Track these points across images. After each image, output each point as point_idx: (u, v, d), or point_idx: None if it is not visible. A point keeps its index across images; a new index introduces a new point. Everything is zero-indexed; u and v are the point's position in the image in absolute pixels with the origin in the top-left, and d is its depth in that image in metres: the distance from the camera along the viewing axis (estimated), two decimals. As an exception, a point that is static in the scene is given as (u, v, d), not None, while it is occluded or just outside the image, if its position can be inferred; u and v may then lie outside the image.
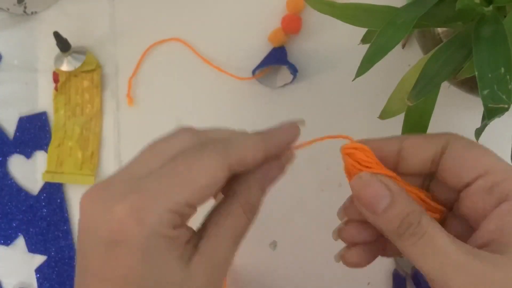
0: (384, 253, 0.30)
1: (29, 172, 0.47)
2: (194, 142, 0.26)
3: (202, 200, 0.25)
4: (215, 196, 0.29)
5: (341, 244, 0.44)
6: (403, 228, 0.24)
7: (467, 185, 0.26)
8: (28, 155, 0.48)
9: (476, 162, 0.26)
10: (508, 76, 0.25)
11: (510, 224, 0.24)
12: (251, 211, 0.27)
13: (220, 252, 0.25)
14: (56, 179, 0.46)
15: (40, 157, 0.48)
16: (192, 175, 0.24)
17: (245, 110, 0.46)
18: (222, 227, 0.26)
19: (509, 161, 0.30)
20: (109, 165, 0.47)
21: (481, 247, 0.24)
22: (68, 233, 0.46)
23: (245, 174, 0.28)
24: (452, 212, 0.28)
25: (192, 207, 0.24)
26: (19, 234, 0.47)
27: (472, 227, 0.26)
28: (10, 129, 0.48)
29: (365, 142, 0.28)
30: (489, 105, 0.24)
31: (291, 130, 0.30)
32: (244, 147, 0.26)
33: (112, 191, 0.24)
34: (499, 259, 0.22)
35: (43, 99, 0.48)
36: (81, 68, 0.47)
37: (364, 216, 0.26)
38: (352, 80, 0.27)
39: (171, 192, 0.23)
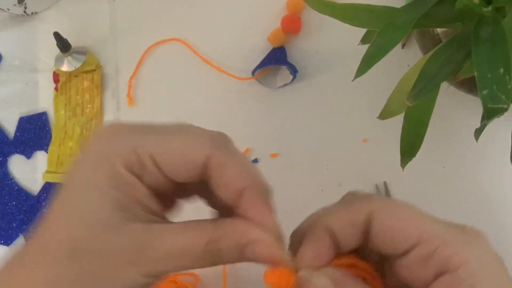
0: None
1: (30, 172, 0.47)
2: None
3: (167, 163, 0.24)
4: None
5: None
6: None
7: (402, 255, 0.24)
8: (28, 155, 0.48)
9: (406, 231, 0.24)
10: (507, 77, 0.25)
11: None
12: (213, 254, 0.23)
13: (156, 248, 0.22)
14: (56, 179, 0.46)
15: (40, 157, 0.48)
16: (173, 139, 0.25)
17: (245, 110, 0.46)
18: (178, 233, 0.23)
19: (509, 162, 0.30)
20: (109, 165, 0.47)
21: None
22: (68, 233, 0.46)
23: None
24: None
25: (155, 164, 0.24)
26: (19, 234, 0.47)
27: None
28: (11, 129, 0.48)
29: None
30: (489, 105, 0.25)
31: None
32: (231, 157, 0.25)
33: None
34: None
35: (44, 99, 0.48)
36: (82, 68, 0.47)
37: None
38: (352, 80, 0.27)
39: (147, 137, 0.25)
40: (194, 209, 0.45)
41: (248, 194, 0.24)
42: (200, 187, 0.25)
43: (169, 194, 0.26)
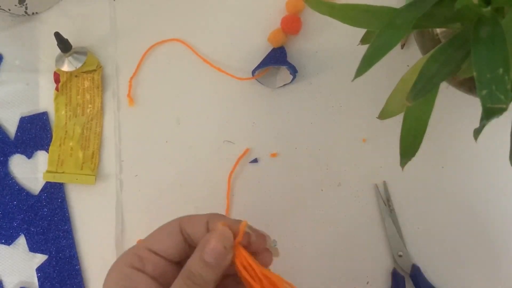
0: None
1: (30, 172, 0.48)
2: None
3: (157, 245, 0.32)
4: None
5: (340, 244, 0.44)
6: None
7: None
8: (29, 155, 0.48)
9: None
10: (506, 77, 0.25)
11: None
12: (189, 278, 0.29)
13: None
14: (57, 179, 0.47)
15: (41, 157, 0.48)
16: (154, 232, 0.33)
17: (245, 110, 0.46)
18: None
19: (508, 162, 0.30)
20: (110, 165, 0.47)
21: None
22: (68, 232, 0.46)
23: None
24: None
25: (151, 250, 0.31)
26: (20, 233, 0.47)
27: None
28: (11, 129, 0.48)
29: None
30: (488, 105, 0.25)
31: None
32: (193, 215, 0.33)
33: None
34: None
35: (44, 99, 0.48)
36: (82, 69, 0.47)
37: None
38: (352, 80, 0.27)
39: (140, 243, 0.32)
40: (194, 209, 0.45)
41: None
42: None
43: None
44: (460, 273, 0.42)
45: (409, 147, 0.34)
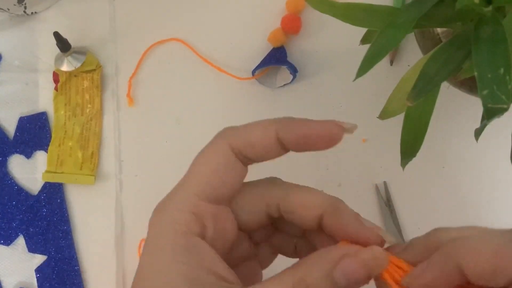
0: None
1: (29, 172, 0.47)
2: None
3: (210, 188, 0.24)
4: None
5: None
6: None
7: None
8: (28, 155, 0.48)
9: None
10: (507, 77, 0.25)
11: None
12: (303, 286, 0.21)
13: None
14: (56, 179, 0.46)
15: (40, 157, 0.48)
16: (197, 168, 0.24)
17: (245, 110, 0.46)
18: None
19: (509, 162, 0.30)
20: (109, 165, 0.47)
21: None
22: (68, 233, 0.46)
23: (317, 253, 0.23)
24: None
25: (204, 199, 0.23)
26: (19, 234, 0.47)
27: None
28: (10, 129, 0.48)
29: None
30: (489, 105, 0.25)
31: (324, 124, 0.25)
32: (251, 127, 0.25)
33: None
34: None
35: (43, 99, 0.48)
36: (81, 68, 0.47)
37: None
38: (353, 81, 0.27)
39: (181, 190, 0.24)
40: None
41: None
42: (269, 235, 0.26)
43: (243, 253, 0.25)
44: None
45: (409, 147, 0.34)
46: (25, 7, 0.47)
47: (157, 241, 0.23)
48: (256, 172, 0.46)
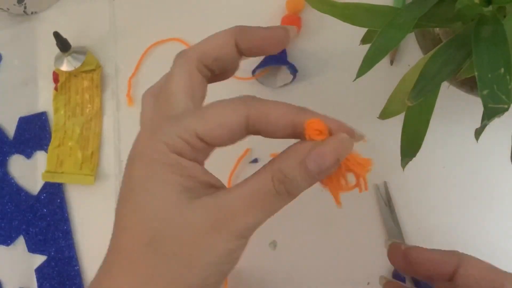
0: None
1: (29, 172, 0.47)
2: None
3: (213, 136, 0.25)
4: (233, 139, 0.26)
5: (340, 245, 0.44)
6: None
7: None
8: (28, 155, 0.48)
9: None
10: (507, 76, 0.25)
11: None
12: (281, 181, 0.24)
13: (230, 206, 0.23)
14: (56, 179, 0.46)
15: (40, 157, 0.48)
16: (208, 113, 0.25)
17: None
18: (242, 185, 0.24)
19: (509, 162, 0.30)
20: (109, 165, 0.47)
21: None
22: (68, 233, 0.46)
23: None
24: None
25: (202, 141, 0.25)
26: (19, 234, 0.47)
27: None
28: (10, 129, 0.48)
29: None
30: (489, 105, 0.25)
31: (273, 29, 0.28)
32: (210, 38, 0.28)
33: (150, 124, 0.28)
34: None
35: (43, 99, 0.48)
36: (81, 68, 0.47)
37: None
38: (353, 81, 0.27)
39: (185, 121, 0.25)
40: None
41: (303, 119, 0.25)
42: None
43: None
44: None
45: (410, 147, 0.34)
46: (25, 7, 0.47)
47: (152, 154, 0.24)
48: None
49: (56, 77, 0.47)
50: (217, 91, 0.47)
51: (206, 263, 0.23)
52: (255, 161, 0.45)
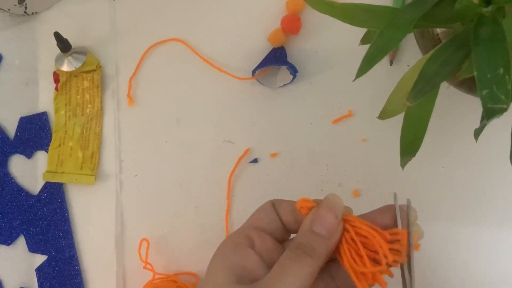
0: None
1: (30, 172, 0.48)
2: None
3: (260, 222, 0.32)
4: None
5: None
6: None
7: None
8: (28, 155, 0.48)
9: None
10: (507, 77, 0.25)
11: None
12: (298, 247, 0.28)
13: (264, 285, 0.27)
14: (56, 179, 0.47)
15: (40, 157, 0.48)
16: (254, 212, 0.33)
17: (245, 110, 0.46)
18: (273, 268, 0.28)
19: (509, 162, 0.30)
20: (110, 165, 0.47)
21: None
22: (68, 232, 0.46)
23: None
24: None
25: (257, 229, 0.32)
26: (20, 233, 0.47)
27: None
28: (11, 129, 0.48)
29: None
30: (488, 105, 0.25)
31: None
32: (284, 200, 0.33)
33: None
34: None
35: (44, 99, 0.48)
36: (82, 68, 0.47)
37: None
38: (353, 81, 0.27)
39: (245, 223, 0.33)
40: (194, 209, 0.45)
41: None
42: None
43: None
44: (460, 272, 0.42)
45: (409, 147, 0.34)
46: (26, 8, 0.48)
47: (220, 250, 0.31)
48: (256, 171, 0.46)
49: (56, 77, 0.48)
50: (217, 91, 0.47)
51: None
52: (255, 161, 0.45)
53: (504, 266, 0.42)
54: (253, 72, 0.45)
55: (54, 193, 0.47)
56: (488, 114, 0.25)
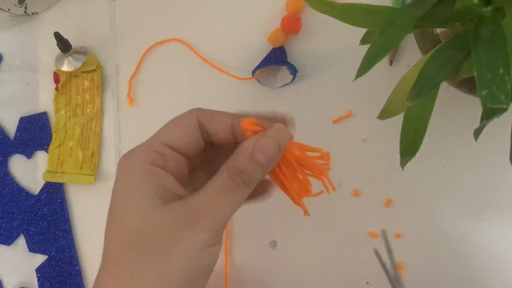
0: None
1: (30, 172, 0.48)
2: None
3: (174, 138, 0.30)
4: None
5: (340, 244, 0.44)
6: None
7: None
8: (28, 155, 0.48)
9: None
10: (506, 77, 0.25)
11: None
12: (237, 174, 0.27)
13: (198, 205, 0.27)
14: (56, 179, 0.47)
15: (40, 157, 0.48)
16: (169, 125, 0.31)
17: (245, 110, 0.46)
18: (206, 187, 0.28)
19: (509, 162, 0.30)
20: (110, 165, 0.47)
21: None
22: (68, 232, 0.46)
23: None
24: None
25: (167, 146, 0.29)
26: (20, 233, 0.47)
27: None
28: (11, 129, 0.48)
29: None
30: (488, 105, 0.25)
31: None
32: (215, 111, 0.31)
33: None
34: None
35: (44, 99, 0.48)
36: (82, 69, 0.47)
37: None
38: (353, 81, 0.27)
39: (153, 137, 0.30)
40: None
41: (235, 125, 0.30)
42: (203, 159, 0.33)
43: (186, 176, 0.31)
44: (459, 273, 0.42)
45: (409, 147, 0.34)
46: (26, 8, 0.48)
47: (129, 170, 0.29)
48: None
49: (56, 77, 0.48)
50: (217, 91, 0.47)
51: (183, 255, 0.26)
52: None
53: (504, 266, 0.42)
54: (253, 72, 0.45)
55: (54, 193, 0.47)
56: (488, 114, 0.25)
